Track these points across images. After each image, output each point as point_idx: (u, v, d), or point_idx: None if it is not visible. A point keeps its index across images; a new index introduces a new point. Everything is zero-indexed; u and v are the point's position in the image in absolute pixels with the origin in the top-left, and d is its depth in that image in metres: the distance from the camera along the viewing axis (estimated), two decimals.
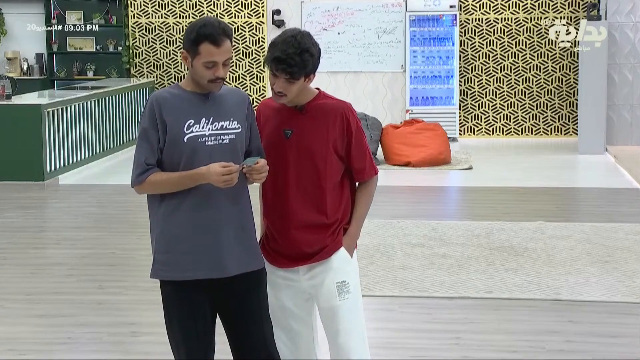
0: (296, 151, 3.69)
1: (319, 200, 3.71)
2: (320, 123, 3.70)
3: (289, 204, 3.71)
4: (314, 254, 3.74)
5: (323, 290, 3.76)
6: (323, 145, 3.69)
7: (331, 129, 3.70)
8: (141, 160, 3.57)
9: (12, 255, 7.68)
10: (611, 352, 5.30)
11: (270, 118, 3.77)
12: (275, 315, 3.82)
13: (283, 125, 3.72)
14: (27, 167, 10.55)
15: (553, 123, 14.39)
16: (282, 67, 3.58)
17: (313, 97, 3.75)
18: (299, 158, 3.69)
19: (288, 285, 3.80)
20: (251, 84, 14.78)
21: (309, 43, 3.67)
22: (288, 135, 3.70)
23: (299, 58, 3.60)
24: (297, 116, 3.72)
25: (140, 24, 14.90)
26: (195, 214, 3.57)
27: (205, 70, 3.54)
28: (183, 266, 3.59)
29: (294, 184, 3.70)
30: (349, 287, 3.77)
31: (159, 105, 3.57)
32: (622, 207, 9.34)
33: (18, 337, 5.63)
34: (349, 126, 3.72)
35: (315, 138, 3.69)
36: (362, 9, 14.48)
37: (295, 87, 3.64)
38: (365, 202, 3.84)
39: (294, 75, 3.60)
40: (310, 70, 3.67)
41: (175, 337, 3.66)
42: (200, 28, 3.53)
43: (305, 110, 3.72)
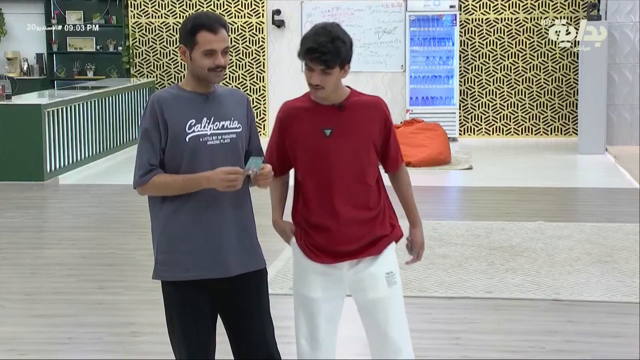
0: (338, 149, 3.66)
1: (364, 196, 3.70)
2: (361, 119, 3.69)
3: (336, 202, 3.68)
4: (363, 248, 3.71)
5: (372, 281, 3.73)
6: (366, 141, 3.68)
7: (372, 124, 3.70)
8: (144, 160, 3.56)
9: (12, 255, 7.68)
10: (611, 352, 5.30)
11: (301, 118, 3.72)
12: (304, 311, 3.80)
13: (321, 124, 3.68)
14: (27, 167, 10.55)
15: (553, 123, 14.39)
16: (316, 56, 3.55)
17: (348, 94, 3.72)
18: (343, 156, 3.66)
19: (327, 280, 3.76)
20: (251, 84, 14.78)
21: (340, 32, 3.62)
22: (328, 134, 3.67)
23: (331, 45, 3.55)
24: (337, 114, 3.68)
25: (140, 24, 14.90)
26: (197, 214, 3.57)
27: (205, 59, 3.54)
28: (184, 266, 3.59)
29: (339, 181, 3.67)
30: (395, 277, 3.77)
31: (160, 105, 3.57)
32: (622, 207, 9.34)
33: (18, 337, 5.63)
34: (388, 120, 3.75)
35: (358, 134, 3.67)
36: (362, 9, 14.48)
37: (332, 78, 3.60)
38: (411, 189, 3.89)
39: (328, 64, 3.56)
40: (344, 59, 3.62)
41: (176, 337, 3.66)
42: (195, 19, 3.58)
43: (344, 107, 3.68)
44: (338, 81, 3.64)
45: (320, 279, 3.75)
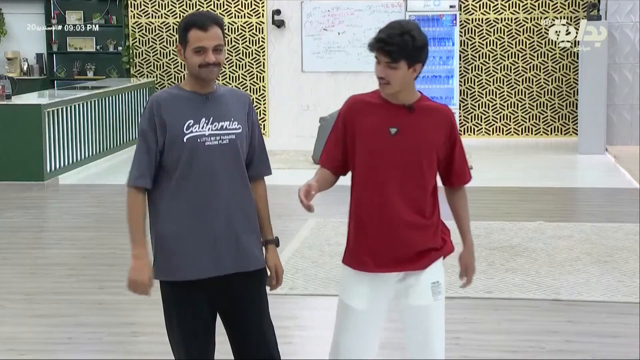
0: (401, 150, 3.58)
1: (420, 201, 3.63)
2: (428, 124, 3.61)
3: (391, 203, 3.60)
4: (412, 257, 3.63)
5: (417, 289, 3.66)
6: (429, 146, 3.61)
7: (437, 131, 3.62)
8: (143, 164, 3.58)
9: (12, 255, 7.68)
10: (611, 352, 5.31)
11: (367, 114, 3.64)
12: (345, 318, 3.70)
13: (387, 122, 3.60)
14: (27, 167, 10.55)
15: (553, 123, 14.39)
16: (381, 46, 3.49)
17: (419, 97, 3.64)
18: (404, 157, 3.58)
19: (372, 291, 3.66)
20: (251, 84, 14.78)
21: (413, 27, 3.53)
22: (393, 133, 3.59)
23: (399, 38, 3.47)
24: (405, 115, 3.60)
25: (140, 24, 14.90)
26: (193, 214, 3.57)
27: (195, 56, 3.55)
28: (180, 266, 3.59)
29: (397, 183, 3.60)
30: (441, 288, 3.71)
31: (158, 106, 3.58)
32: (622, 207, 9.34)
33: (18, 337, 5.63)
34: (454, 130, 3.66)
35: (423, 138, 3.60)
36: (362, 9, 14.48)
37: (398, 74, 3.51)
38: (467, 209, 3.81)
39: (392, 56, 3.48)
40: (412, 56, 3.50)
41: (175, 337, 3.66)
42: (188, 17, 3.62)
43: (414, 109, 3.61)
44: (407, 80, 3.54)
45: (365, 290, 3.66)
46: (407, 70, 3.52)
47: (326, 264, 7.12)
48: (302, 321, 6.00)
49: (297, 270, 6.93)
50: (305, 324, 5.92)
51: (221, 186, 3.58)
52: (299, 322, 5.93)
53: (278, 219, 8.79)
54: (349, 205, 3.76)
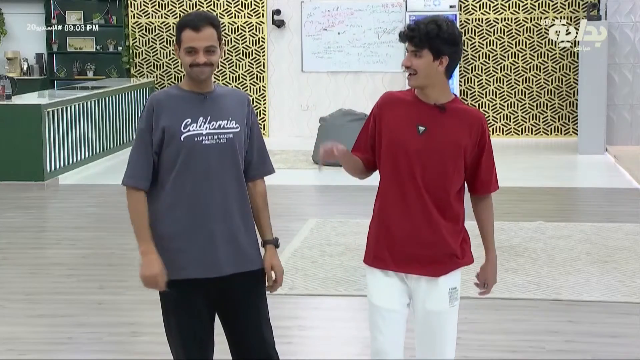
0: (427, 149, 3.53)
1: (443, 203, 3.57)
2: (458, 126, 3.55)
3: (413, 200, 3.56)
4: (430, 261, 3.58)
5: (435, 294, 3.61)
6: (456, 148, 3.54)
7: (467, 135, 3.55)
8: (137, 163, 3.60)
9: (12, 255, 7.68)
10: (611, 352, 5.30)
11: (398, 109, 3.60)
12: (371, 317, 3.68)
13: (417, 120, 3.56)
14: (27, 167, 10.55)
15: (553, 123, 14.39)
16: (406, 33, 3.49)
17: (451, 99, 3.59)
18: (430, 156, 3.53)
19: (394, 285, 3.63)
20: (251, 84, 14.78)
21: (444, 20, 3.52)
22: (421, 132, 3.54)
23: (424, 27, 3.46)
24: (436, 114, 3.55)
25: (140, 24, 14.90)
26: (191, 213, 3.58)
27: (186, 56, 3.56)
28: (177, 265, 3.59)
29: (420, 181, 3.54)
30: (457, 294, 3.66)
31: (156, 106, 3.59)
32: (622, 207, 9.34)
33: (18, 337, 5.63)
34: (484, 136, 3.59)
35: (450, 139, 3.54)
36: (362, 9, 14.48)
37: (422, 62, 3.48)
38: (492, 220, 3.74)
39: (415, 42, 3.46)
40: (436, 45, 3.46)
41: (173, 337, 3.66)
42: (184, 17, 3.62)
43: (445, 109, 3.55)
44: (433, 72, 3.50)
45: (392, 289, 3.63)
46: (433, 62, 3.48)
47: (326, 264, 7.12)
48: (302, 321, 6.00)
49: (297, 270, 6.93)
50: (305, 324, 5.92)
51: (218, 185, 3.58)
52: (299, 322, 5.93)
53: (278, 219, 8.78)
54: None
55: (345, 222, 8.51)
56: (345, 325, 5.87)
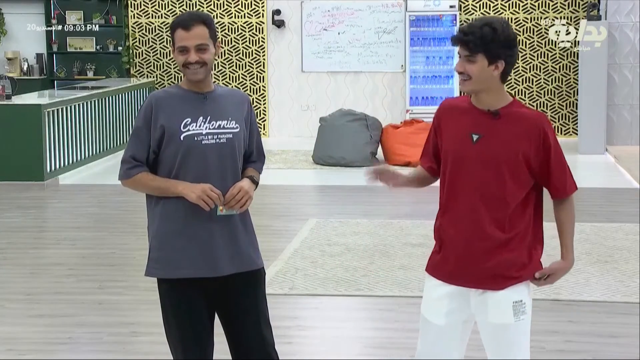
0: (482, 158, 3.38)
1: (500, 215, 3.39)
2: (514, 132, 3.37)
3: (469, 213, 3.41)
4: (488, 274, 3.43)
5: (497, 307, 3.46)
6: (513, 155, 3.36)
7: (525, 140, 3.37)
8: (127, 156, 3.63)
9: (12, 255, 7.68)
10: (611, 352, 5.30)
11: (455, 118, 3.47)
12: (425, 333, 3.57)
13: (471, 128, 3.41)
14: (27, 167, 10.55)
15: (553, 123, 14.39)
16: (459, 37, 3.33)
17: (508, 102, 3.42)
18: (484, 165, 3.38)
19: (451, 303, 3.50)
20: (251, 84, 14.78)
21: (498, 22, 3.34)
22: (475, 140, 3.39)
23: (478, 30, 3.30)
24: (490, 121, 3.39)
25: (140, 24, 14.90)
26: (190, 212, 3.58)
27: (179, 56, 3.57)
28: (176, 264, 3.60)
29: (477, 192, 3.39)
30: (525, 307, 3.51)
31: (156, 104, 3.60)
32: (622, 207, 9.34)
33: (18, 337, 5.63)
34: (547, 140, 3.40)
35: (506, 147, 3.37)
36: (362, 9, 14.48)
37: (476, 68, 3.33)
38: (572, 223, 3.54)
39: (470, 46, 3.31)
40: (492, 49, 3.31)
41: (173, 336, 3.66)
42: (176, 17, 3.63)
43: (499, 115, 3.39)
44: (488, 77, 3.35)
45: (444, 304, 3.49)
46: (487, 67, 3.33)
47: (326, 264, 7.12)
48: (302, 321, 5.99)
49: (297, 270, 6.93)
50: (305, 324, 5.92)
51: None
52: (299, 322, 5.93)
53: (278, 219, 8.83)
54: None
55: (345, 222, 8.51)
56: (345, 325, 5.87)
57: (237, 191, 3.58)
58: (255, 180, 3.70)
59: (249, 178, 3.67)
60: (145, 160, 3.61)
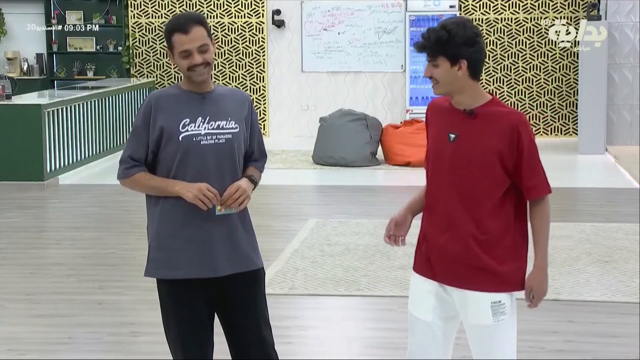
0: (457, 157, 3.40)
1: (479, 214, 3.40)
2: (489, 131, 3.38)
3: (447, 211, 3.44)
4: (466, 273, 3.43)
5: (476, 307, 3.44)
6: (487, 154, 3.37)
7: (500, 139, 3.37)
8: (125, 156, 3.62)
9: (12, 255, 7.68)
10: (611, 352, 5.30)
11: (439, 118, 3.51)
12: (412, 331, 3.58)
13: (449, 128, 3.44)
14: (27, 167, 10.55)
15: (553, 123, 14.39)
16: (417, 43, 3.39)
17: (485, 102, 3.43)
18: (461, 165, 3.40)
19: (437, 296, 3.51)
20: (251, 84, 14.78)
21: (454, 23, 3.37)
22: (451, 140, 3.42)
23: (433, 34, 3.34)
24: (466, 120, 3.41)
25: (140, 24, 14.90)
26: (190, 213, 3.58)
27: (182, 60, 3.56)
28: (175, 264, 3.59)
29: (455, 192, 3.41)
30: (505, 308, 3.44)
31: (155, 104, 3.59)
32: (622, 207, 9.34)
33: (18, 337, 5.63)
34: (520, 140, 3.37)
35: (480, 146, 3.38)
36: (362, 9, 14.48)
37: (440, 71, 3.36)
38: (545, 226, 3.47)
39: (428, 52, 3.36)
40: (450, 51, 3.33)
41: (173, 336, 3.66)
42: (169, 22, 3.61)
43: (475, 114, 3.41)
44: (454, 78, 3.37)
45: (431, 299, 3.51)
46: (451, 68, 3.35)
47: (326, 264, 7.12)
48: (302, 321, 5.99)
49: (297, 270, 6.93)
50: (305, 324, 5.92)
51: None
52: (299, 322, 5.93)
53: (278, 219, 8.83)
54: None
55: (345, 222, 8.51)
56: (345, 325, 5.87)
57: (235, 190, 3.58)
58: (254, 180, 3.70)
59: (248, 177, 3.67)
60: (143, 160, 3.61)
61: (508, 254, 3.45)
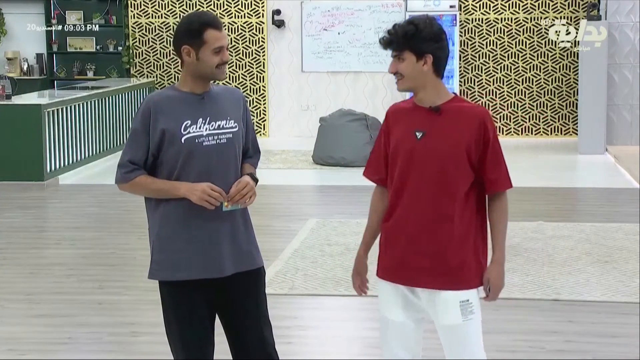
0: (426, 154, 3.42)
1: (447, 208, 3.42)
2: (455, 126, 3.42)
3: (416, 211, 3.44)
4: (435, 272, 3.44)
5: (445, 307, 3.45)
6: (456, 149, 3.41)
7: (467, 133, 3.41)
8: (124, 159, 3.60)
9: (12, 255, 7.68)
10: (611, 352, 5.30)
11: (401, 120, 3.53)
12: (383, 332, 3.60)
13: (415, 126, 3.46)
14: (27, 167, 10.55)
15: (553, 123, 14.39)
16: (384, 38, 3.42)
17: (449, 99, 3.48)
18: (430, 161, 3.42)
19: (404, 298, 3.52)
20: (251, 84, 14.78)
21: (421, 19, 3.43)
22: (419, 137, 3.44)
23: (401, 29, 3.39)
24: (432, 117, 3.45)
25: (140, 24, 14.90)
26: (192, 214, 3.57)
27: (213, 56, 3.55)
28: (179, 266, 3.59)
29: (423, 189, 3.43)
30: (472, 307, 3.47)
31: (154, 107, 3.58)
32: (622, 207, 9.34)
33: (18, 337, 5.63)
34: (486, 133, 3.43)
35: (449, 141, 3.41)
36: (362, 9, 14.48)
37: (406, 66, 3.40)
38: (504, 221, 3.53)
39: (395, 46, 3.39)
40: (417, 45, 3.38)
41: (174, 337, 3.66)
42: (199, 17, 3.60)
43: (440, 111, 3.44)
44: (419, 73, 3.42)
45: (399, 301, 3.52)
46: (416, 63, 3.40)
47: (326, 264, 7.12)
48: (302, 321, 6.00)
49: (297, 270, 6.93)
50: (305, 324, 5.92)
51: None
52: (299, 322, 5.93)
53: (278, 219, 8.83)
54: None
55: (345, 222, 8.51)
56: (345, 325, 5.87)
57: (244, 186, 3.58)
58: (256, 178, 3.71)
59: (250, 175, 3.68)
60: (143, 163, 3.60)
61: (472, 252, 3.50)
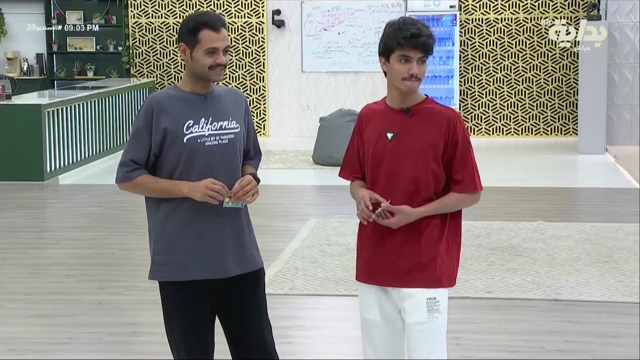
0: (397, 155, 3.45)
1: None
2: (425, 127, 3.45)
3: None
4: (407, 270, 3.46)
5: (412, 305, 3.48)
6: (426, 151, 3.44)
7: (436, 134, 3.44)
8: (126, 158, 3.59)
9: (12, 255, 7.68)
10: (611, 352, 5.30)
11: (373, 121, 3.56)
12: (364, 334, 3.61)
13: (386, 127, 3.50)
14: (27, 167, 10.55)
15: (553, 123, 14.39)
16: (422, 40, 3.37)
17: (421, 100, 3.51)
18: (400, 163, 3.45)
19: (380, 298, 3.55)
20: (251, 84, 14.78)
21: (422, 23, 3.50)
22: (390, 138, 3.48)
23: (429, 31, 3.42)
24: (403, 118, 3.48)
25: (140, 24, 14.90)
26: (194, 214, 3.57)
27: (206, 57, 3.54)
28: (183, 267, 3.59)
29: (394, 190, 3.45)
30: (439, 306, 3.48)
31: (157, 107, 3.57)
32: (622, 207, 9.34)
33: (18, 337, 5.63)
34: (455, 134, 3.45)
35: (418, 142, 3.44)
36: (362, 9, 14.48)
37: (424, 69, 3.45)
38: (452, 204, 3.51)
39: (429, 49, 3.40)
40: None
41: (175, 337, 3.66)
42: (198, 17, 3.58)
43: (412, 112, 3.48)
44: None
45: (376, 302, 3.55)
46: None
47: (326, 264, 7.12)
48: (302, 321, 6.00)
49: (297, 270, 6.94)
50: (305, 324, 5.92)
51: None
52: (299, 322, 5.93)
53: (278, 219, 8.83)
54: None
55: (345, 222, 8.51)
56: (346, 325, 5.87)
57: (247, 183, 3.58)
58: (257, 178, 3.71)
59: (252, 175, 3.68)
60: (144, 162, 3.60)
61: (443, 251, 3.51)
